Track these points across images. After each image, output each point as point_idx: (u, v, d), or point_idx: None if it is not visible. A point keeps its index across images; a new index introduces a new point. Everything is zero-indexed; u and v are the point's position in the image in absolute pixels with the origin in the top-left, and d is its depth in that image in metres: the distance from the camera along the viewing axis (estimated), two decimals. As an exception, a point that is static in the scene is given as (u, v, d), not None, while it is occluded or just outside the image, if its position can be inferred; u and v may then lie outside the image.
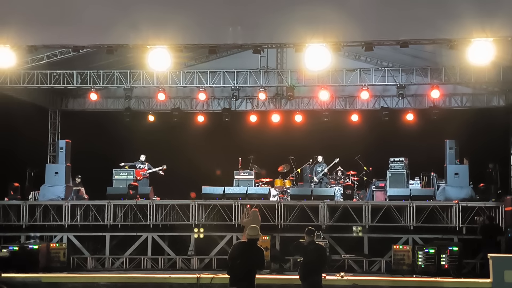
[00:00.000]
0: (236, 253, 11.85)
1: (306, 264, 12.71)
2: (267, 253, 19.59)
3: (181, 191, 23.44)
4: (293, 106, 26.17)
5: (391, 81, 23.11)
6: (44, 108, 26.58)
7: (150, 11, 14.84)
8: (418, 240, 20.04)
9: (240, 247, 12.05)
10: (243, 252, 11.79)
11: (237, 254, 11.80)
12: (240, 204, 20.88)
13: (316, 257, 12.66)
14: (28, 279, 17.43)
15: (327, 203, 20.88)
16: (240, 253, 11.79)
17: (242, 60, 23.61)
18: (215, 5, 14.93)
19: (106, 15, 15.14)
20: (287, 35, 15.23)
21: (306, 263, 12.71)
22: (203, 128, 26.53)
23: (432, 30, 14.75)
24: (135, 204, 21.59)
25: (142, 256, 21.08)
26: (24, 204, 21.67)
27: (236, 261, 11.71)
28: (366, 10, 14.59)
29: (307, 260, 12.70)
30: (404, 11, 14.68)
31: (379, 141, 24.68)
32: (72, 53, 20.80)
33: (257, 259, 11.78)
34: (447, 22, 14.39)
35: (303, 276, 12.71)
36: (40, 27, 15.35)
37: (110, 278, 17.77)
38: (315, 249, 12.77)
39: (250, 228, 12.21)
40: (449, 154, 21.86)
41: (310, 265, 12.64)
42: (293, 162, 23.85)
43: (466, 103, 25.50)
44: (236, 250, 11.94)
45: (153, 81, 23.82)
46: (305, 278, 12.65)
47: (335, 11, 14.38)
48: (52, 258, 20.11)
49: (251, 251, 11.79)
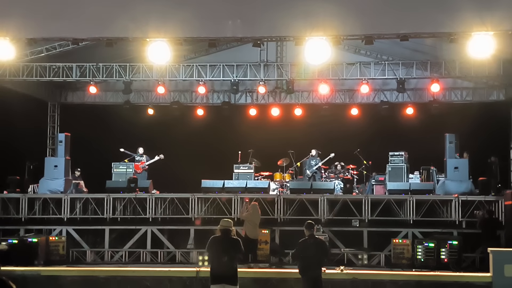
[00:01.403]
0: (211, 248, 11.62)
1: (304, 258, 12.69)
2: (267, 246, 19.64)
3: (180, 184, 23.43)
4: (292, 99, 26.13)
5: (391, 74, 23.07)
6: (43, 101, 26.55)
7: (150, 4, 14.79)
8: (417, 234, 20.04)
9: (214, 241, 11.70)
10: (218, 245, 11.54)
11: (213, 249, 11.59)
12: (239, 197, 20.88)
13: (316, 251, 12.64)
14: (27, 272, 17.42)
15: (326, 197, 20.88)
16: (216, 247, 11.55)
17: (242, 53, 23.56)
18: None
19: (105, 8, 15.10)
20: (287, 28, 15.18)
21: (305, 257, 12.68)
22: (203, 121, 26.50)
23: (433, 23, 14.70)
24: (135, 197, 21.59)
25: (141, 250, 21.08)
26: (23, 197, 21.66)
27: (214, 255, 11.53)
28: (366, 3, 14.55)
29: (306, 254, 12.67)
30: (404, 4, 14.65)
31: (379, 135, 24.66)
32: (71, 46, 20.75)
33: (234, 249, 11.50)
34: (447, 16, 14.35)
35: (302, 270, 12.69)
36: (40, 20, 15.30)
37: (109, 271, 17.79)
38: (315, 243, 12.74)
39: (223, 220, 11.94)
40: (449, 148, 21.85)
41: (309, 259, 12.60)
42: (293, 156, 23.83)
43: (466, 97, 25.47)
44: (211, 245, 11.66)
45: (153, 75, 23.78)
46: (305, 272, 12.63)
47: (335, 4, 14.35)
48: (52, 252, 20.10)
49: (227, 243, 11.54)
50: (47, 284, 17.15)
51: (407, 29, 15.20)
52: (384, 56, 24.32)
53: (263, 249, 19.62)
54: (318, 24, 14.59)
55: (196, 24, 15.06)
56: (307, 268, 12.60)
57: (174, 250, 20.98)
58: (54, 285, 17.13)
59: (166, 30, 14.98)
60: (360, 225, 20.51)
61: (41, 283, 17.06)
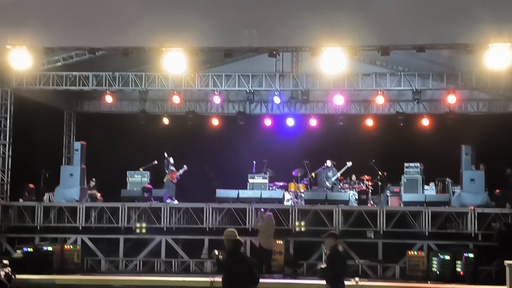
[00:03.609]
0: (225, 263, 10.74)
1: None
2: (281, 257, 19.57)
3: (195, 194, 23.44)
4: (307, 110, 26.13)
5: (407, 85, 23.00)
6: (59, 110, 26.69)
7: (166, 14, 14.85)
8: (433, 246, 19.89)
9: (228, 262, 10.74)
10: (232, 262, 10.65)
11: (226, 265, 10.73)
12: (254, 208, 20.84)
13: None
14: (42, 280, 17.47)
15: (341, 207, 20.78)
16: (230, 263, 10.68)
17: (257, 63, 23.60)
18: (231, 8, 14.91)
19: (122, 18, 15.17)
20: (303, 39, 15.18)
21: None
22: (218, 131, 26.54)
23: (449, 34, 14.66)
24: (149, 206, 21.60)
25: (155, 259, 21.06)
26: (39, 206, 21.72)
27: (227, 271, 10.69)
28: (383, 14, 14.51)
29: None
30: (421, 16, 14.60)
31: (394, 146, 24.57)
32: (88, 55, 20.87)
33: (248, 271, 10.57)
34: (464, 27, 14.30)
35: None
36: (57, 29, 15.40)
37: (124, 280, 17.81)
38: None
39: (228, 230, 11.08)
40: (465, 160, 21.69)
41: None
42: (308, 166, 23.76)
43: (483, 108, 25.35)
44: (227, 266, 10.73)
45: (168, 84, 23.82)
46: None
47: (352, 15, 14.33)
48: (66, 260, 20.13)
49: (241, 264, 10.61)
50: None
51: (424, 40, 15.16)
52: (400, 67, 24.26)
53: (277, 260, 19.55)
54: (334, 35, 14.58)
55: (212, 34, 15.10)
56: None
57: (188, 260, 20.94)
58: (68, 294, 17.19)
59: (182, 39, 15.03)
60: (375, 237, 20.39)
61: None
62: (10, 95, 22.93)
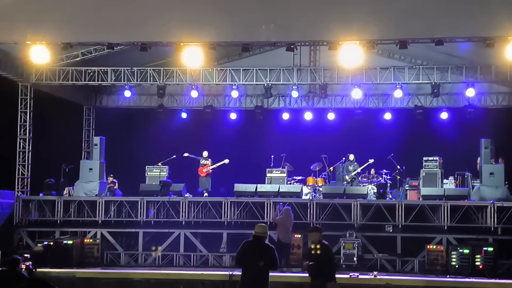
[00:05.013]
0: (244, 253, 11.20)
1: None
2: (299, 251, 19.59)
3: (213, 188, 23.52)
4: (325, 104, 26.06)
5: (425, 79, 22.86)
6: (78, 105, 26.85)
7: (184, 9, 14.90)
8: (452, 240, 19.81)
9: (247, 246, 11.29)
10: (251, 251, 11.12)
11: (245, 254, 11.17)
12: (272, 202, 20.87)
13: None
14: (62, 274, 17.65)
15: (359, 201, 20.75)
16: (249, 252, 11.14)
17: (275, 57, 23.57)
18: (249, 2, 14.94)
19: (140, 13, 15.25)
20: (320, 33, 15.18)
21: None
22: (236, 125, 26.56)
23: (468, 28, 14.58)
24: (168, 200, 21.71)
25: (174, 253, 21.16)
26: (59, 200, 21.90)
27: (246, 261, 11.12)
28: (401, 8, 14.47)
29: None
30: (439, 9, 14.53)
31: (413, 139, 24.48)
32: (106, 50, 20.97)
33: (268, 258, 11.06)
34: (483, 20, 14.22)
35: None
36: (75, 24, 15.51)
37: (143, 274, 17.94)
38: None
39: (257, 226, 11.43)
40: (484, 154, 21.54)
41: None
42: (326, 160, 23.73)
43: (502, 101, 25.14)
44: (244, 250, 11.26)
45: (186, 79, 23.88)
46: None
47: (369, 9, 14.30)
48: (86, 254, 20.27)
49: (260, 250, 11.11)
50: (82, 286, 17.37)
51: (442, 34, 15.11)
52: (418, 60, 24.10)
53: (296, 254, 19.57)
54: (352, 29, 14.57)
55: (230, 29, 15.15)
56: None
57: (207, 254, 21.02)
58: (89, 287, 17.31)
59: (200, 34, 15.09)
60: (393, 231, 20.33)
61: (76, 285, 17.27)
62: (30, 90, 23.10)
